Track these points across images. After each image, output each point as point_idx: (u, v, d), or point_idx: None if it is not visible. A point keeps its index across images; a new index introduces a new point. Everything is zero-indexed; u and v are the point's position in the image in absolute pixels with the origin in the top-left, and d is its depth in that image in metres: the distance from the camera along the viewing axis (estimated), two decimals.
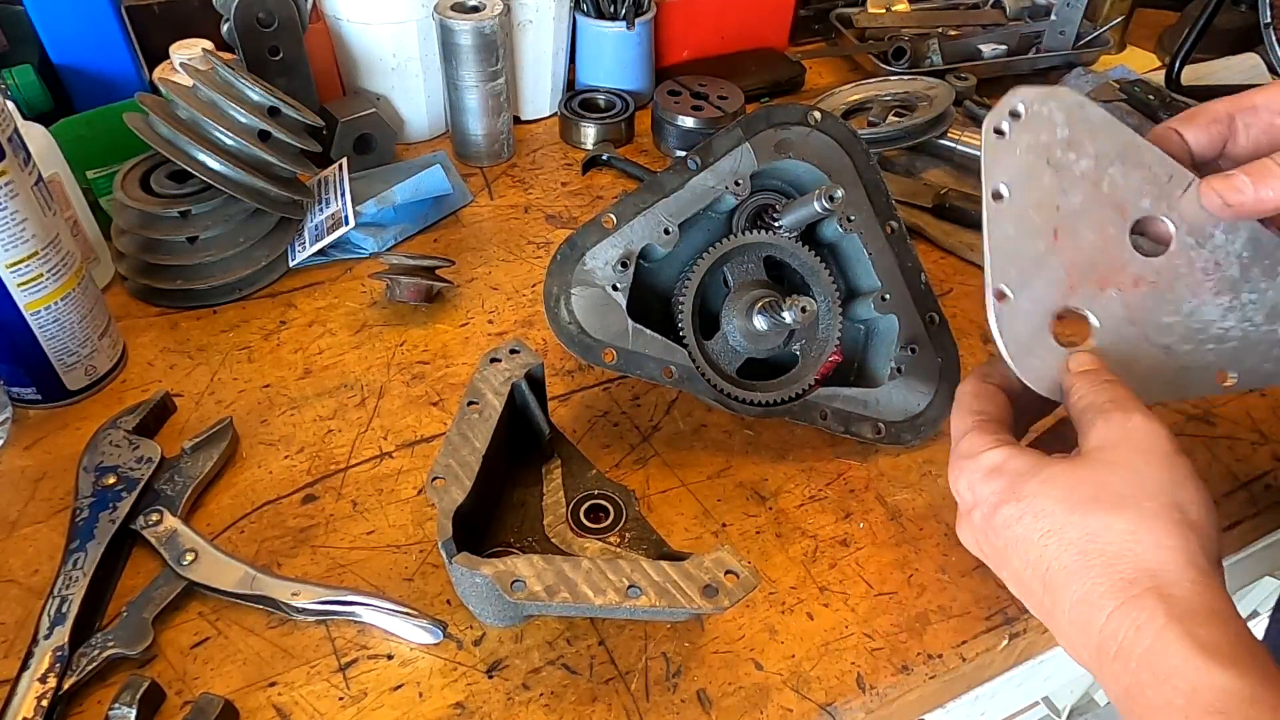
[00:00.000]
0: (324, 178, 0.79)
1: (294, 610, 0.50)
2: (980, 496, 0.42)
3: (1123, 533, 0.37)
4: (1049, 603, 0.39)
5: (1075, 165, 0.46)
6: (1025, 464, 0.41)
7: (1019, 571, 0.40)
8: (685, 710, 0.48)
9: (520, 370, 0.54)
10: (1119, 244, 0.46)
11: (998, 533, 0.41)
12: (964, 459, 0.43)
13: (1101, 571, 0.37)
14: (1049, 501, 0.39)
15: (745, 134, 0.58)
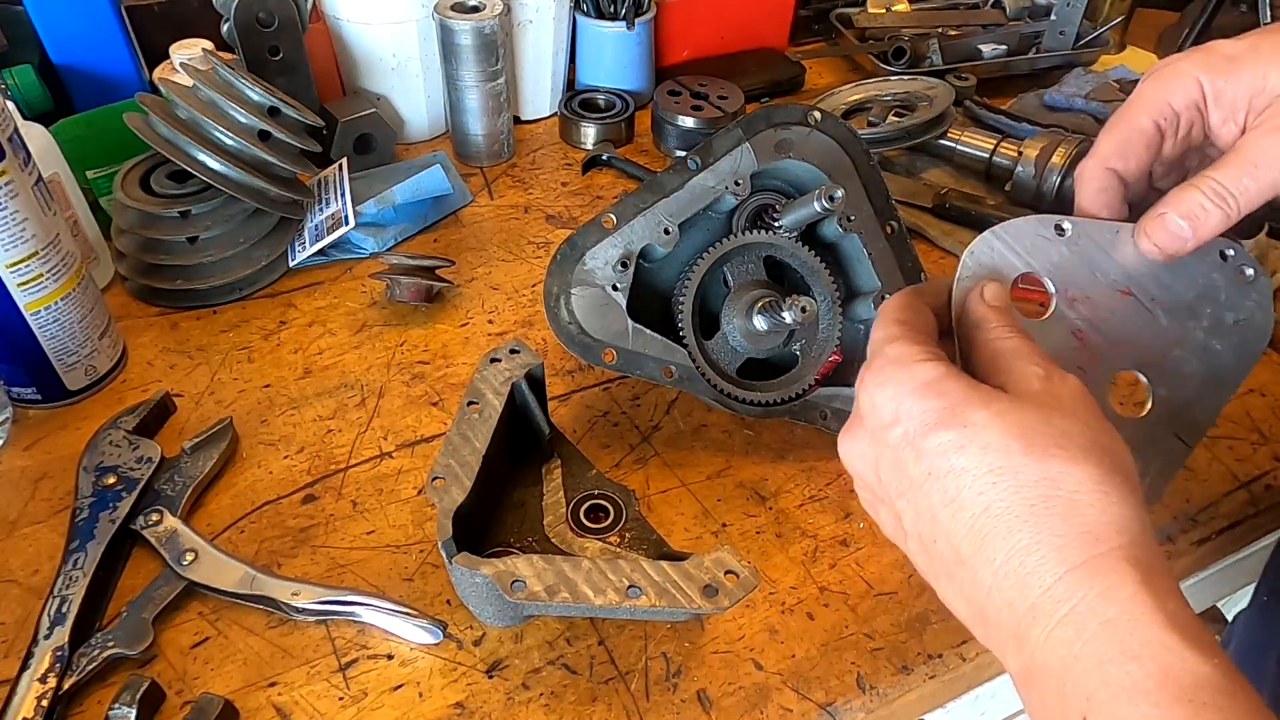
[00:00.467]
0: (324, 178, 0.79)
1: (294, 610, 0.50)
2: (907, 412, 0.35)
3: (1088, 480, 0.32)
4: (966, 550, 0.33)
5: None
6: (968, 390, 0.35)
7: (935, 507, 0.34)
8: (685, 710, 0.48)
9: (520, 370, 0.54)
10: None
11: (922, 458, 0.35)
12: (892, 364, 0.37)
13: (1060, 521, 0.31)
14: (1001, 436, 0.33)
15: (745, 134, 0.58)
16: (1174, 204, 0.40)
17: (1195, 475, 0.62)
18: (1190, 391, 0.45)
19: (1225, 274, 0.46)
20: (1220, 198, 0.39)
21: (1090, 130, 0.90)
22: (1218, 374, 0.45)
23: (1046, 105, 0.96)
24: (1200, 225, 0.40)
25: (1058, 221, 0.44)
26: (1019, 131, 0.86)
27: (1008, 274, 0.44)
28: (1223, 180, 0.39)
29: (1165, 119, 0.42)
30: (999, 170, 0.84)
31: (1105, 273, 0.44)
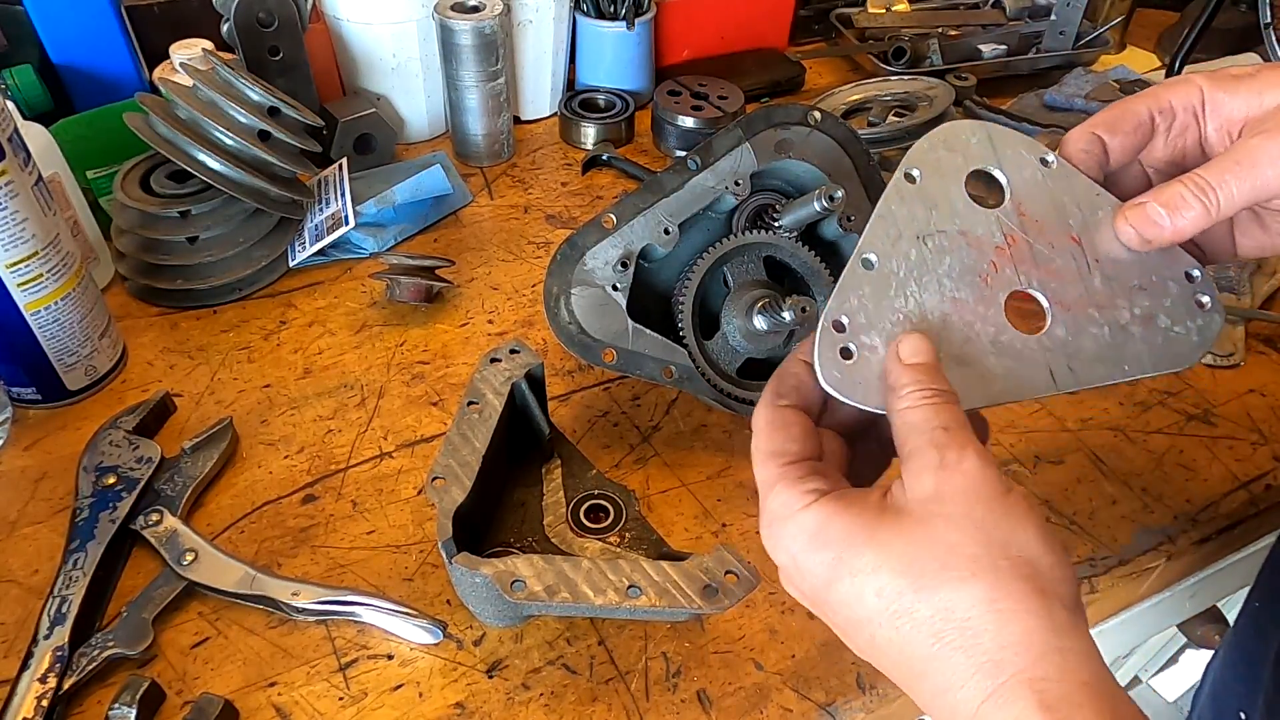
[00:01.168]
0: (324, 178, 0.79)
1: (294, 610, 0.50)
2: (806, 568, 0.36)
3: (980, 603, 0.32)
4: (907, 680, 0.35)
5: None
6: (851, 527, 0.35)
7: (866, 649, 0.36)
8: (685, 710, 0.48)
9: (520, 370, 0.54)
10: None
11: (836, 610, 0.36)
12: (777, 522, 0.37)
13: (963, 654, 0.32)
14: (890, 576, 0.33)
15: (745, 134, 0.58)
16: (1155, 193, 0.41)
17: (1195, 475, 0.62)
18: (1084, 349, 0.44)
19: (1181, 289, 0.46)
20: (1201, 191, 0.40)
21: None
22: (1119, 354, 0.45)
23: (1046, 105, 0.96)
24: (1178, 215, 0.40)
25: (1044, 154, 0.45)
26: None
27: (967, 167, 0.44)
28: (1206, 175, 0.40)
29: (1161, 112, 0.43)
30: None
31: (1065, 216, 0.45)
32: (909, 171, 0.44)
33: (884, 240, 0.43)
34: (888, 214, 0.43)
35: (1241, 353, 0.70)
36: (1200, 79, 0.43)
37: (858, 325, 0.41)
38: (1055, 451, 0.63)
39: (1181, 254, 0.46)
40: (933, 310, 0.43)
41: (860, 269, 0.42)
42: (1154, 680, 1.42)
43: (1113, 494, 0.60)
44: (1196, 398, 0.67)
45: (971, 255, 0.44)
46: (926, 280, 0.43)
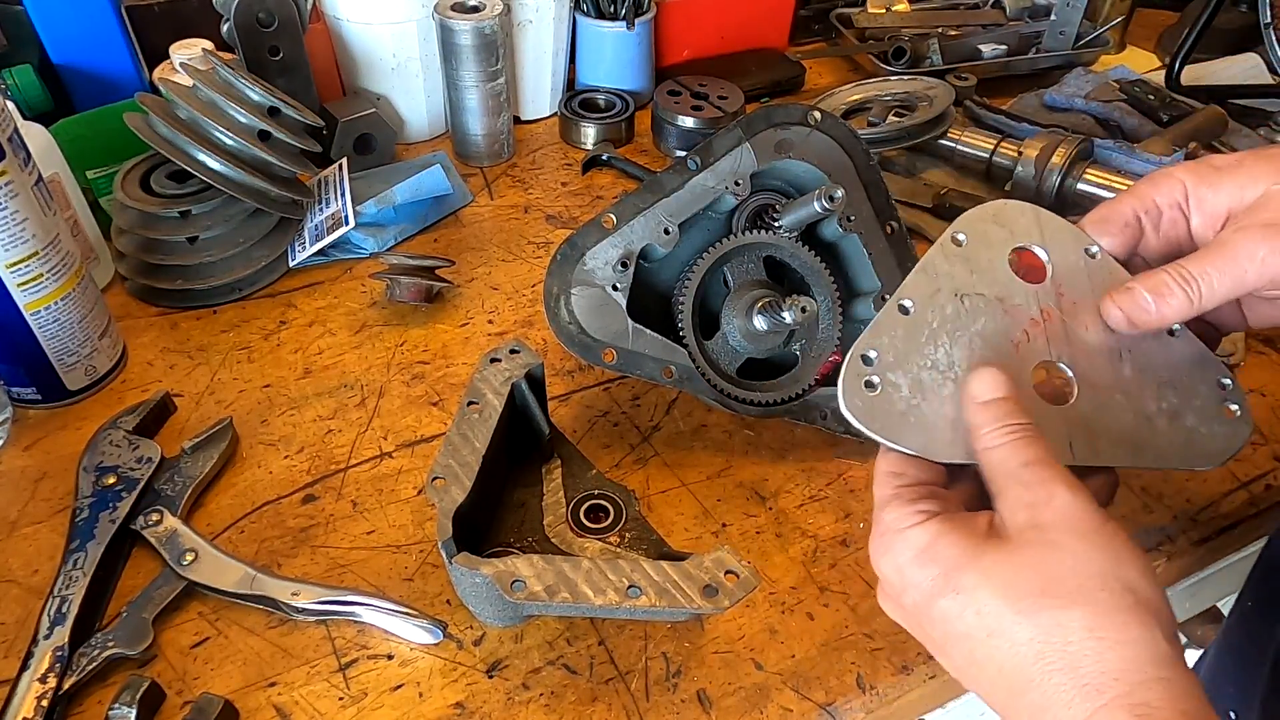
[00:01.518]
0: (324, 178, 0.79)
1: (294, 610, 0.50)
2: (911, 582, 0.37)
3: (1080, 630, 0.33)
4: (1004, 700, 0.35)
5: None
6: (957, 548, 0.36)
7: (963, 667, 0.37)
8: (685, 710, 0.48)
9: (520, 370, 0.54)
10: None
11: (935, 625, 0.37)
12: (889, 534, 0.38)
13: (1063, 676, 0.33)
14: (991, 598, 0.35)
15: (745, 134, 0.58)
16: (1143, 279, 0.43)
17: (1195, 475, 0.62)
18: (1108, 430, 0.45)
19: (1211, 394, 0.48)
20: (1185, 281, 0.42)
21: (1090, 130, 0.90)
22: (1142, 441, 0.46)
23: (1046, 105, 0.96)
24: (1163, 303, 0.42)
25: (1089, 245, 0.46)
26: (1019, 131, 0.86)
27: (1013, 241, 0.46)
28: (1189, 267, 0.42)
29: (1147, 211, 0.45)
30: (999, 170, 0.84)
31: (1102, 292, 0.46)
32: (956, 235, 0.46)
33: (923, 291, 0.44)
34: (930, 268, 0.45)
35: (1241, 353, 0.70)
36: (1182, 173, 0.44)
37: (885, 363, 0.43)
38: None
39: (1214, 361, 0.48)
40: (960, 362, 0.44)
41: (896, 312, 0.44)
42: None
43: None
44: None
45: (1006, 321, 0.45)
46: (959, 335, 0.44)
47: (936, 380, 0.43)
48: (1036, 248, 0.46)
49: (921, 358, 0.44)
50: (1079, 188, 0.79)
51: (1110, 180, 0.78)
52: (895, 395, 0.42)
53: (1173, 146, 0.81)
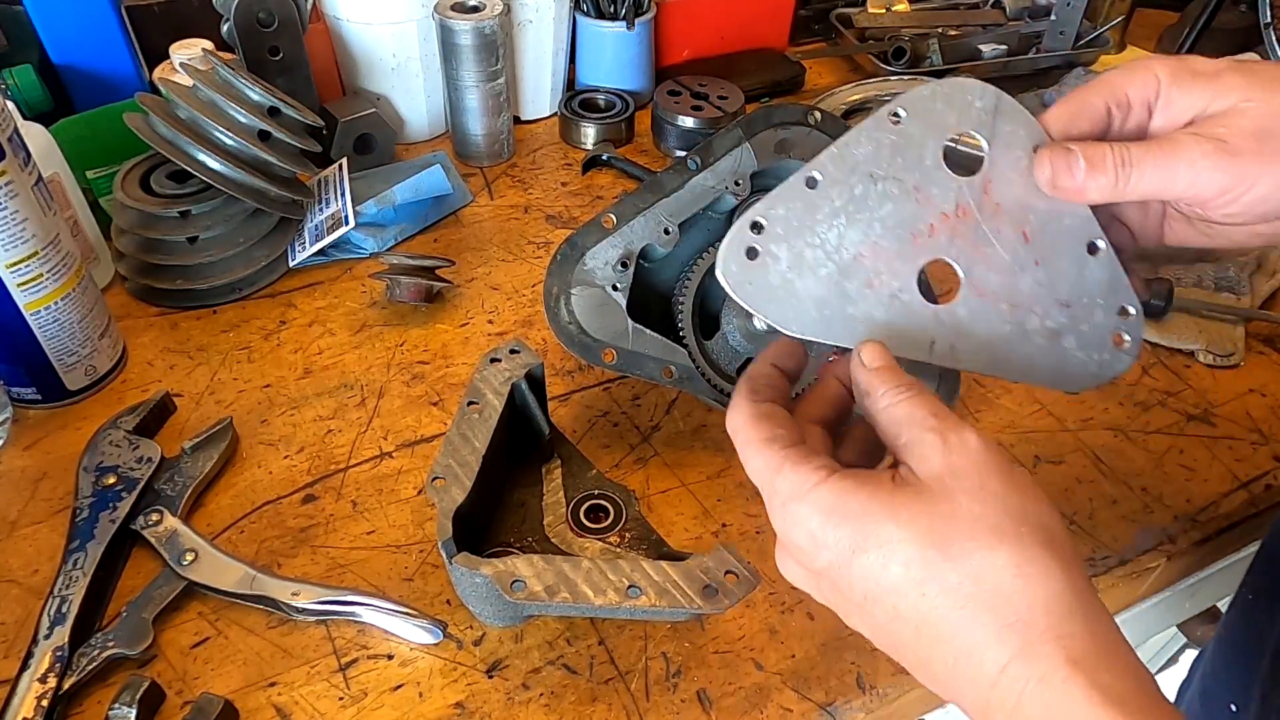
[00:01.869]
0: (324, 178, 0.79)
1: (294, 610, 0.50)
2: (825, 543, 0.36)
3: (1008, 569, 0.33)
4: (924, 654, 0.35)
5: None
6: (872, 502, 0.35)
7: (883, 623, 0.36)
8: (685, 710, 0.48)
9: (520, 370, 0.54)
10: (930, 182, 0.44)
11: (854, 585, 0.36)
12: (792, 501, 0.37)
13: (990, 615, 0.32)
14: (918, 548, 0.34)
15: (745, 134, 0.58)
16: (1085, 146, 0.42)
17: (1195, 475, 0.62)
18: (976, 336, 0.44)
19: (1107, 320, 0.46)
20: (1122, 164, 0.40)
21: None
22: (1008, 354, 0.45)
23: (1046, 105, 0.95)
24: (1091, 175, 0.41)
25: (1040, 143, 0.44)
26: None
27: (956, 128, 0.44)
28: (1132, 151, 0.40)
29: (1118, 105, 0.43)
30: None
31: (1027, 211, 0.44)
32: (896, 111, 0.43)
33: (837, 166, 0.43)
34: (853, 143, 0.43)
35: (1241, 353, 0.70)
36: (1160, 68, 0.42)
37: (773, 233, 0.42)
38: (1055, 451, 0.63)
39: (1125, 288, 0.46)
40: (849, 246, 0.43)
41: (801, 184, 0.42)
42: None
43: (1113, 494, 0.60)
44: (1196, 398, 0.67)
45: (914, 211, 0.44)
46: (859, 218, 0.43)
47: (819, 259, 0.42)
48: (980, 138, 0.44)
49: (812, 235, 0.42)
50: None
51: None
52: (773, 267, 0.42)
53: None
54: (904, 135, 0.43)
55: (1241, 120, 0.39)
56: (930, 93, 0.43)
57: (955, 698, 0.35)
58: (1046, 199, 0.44)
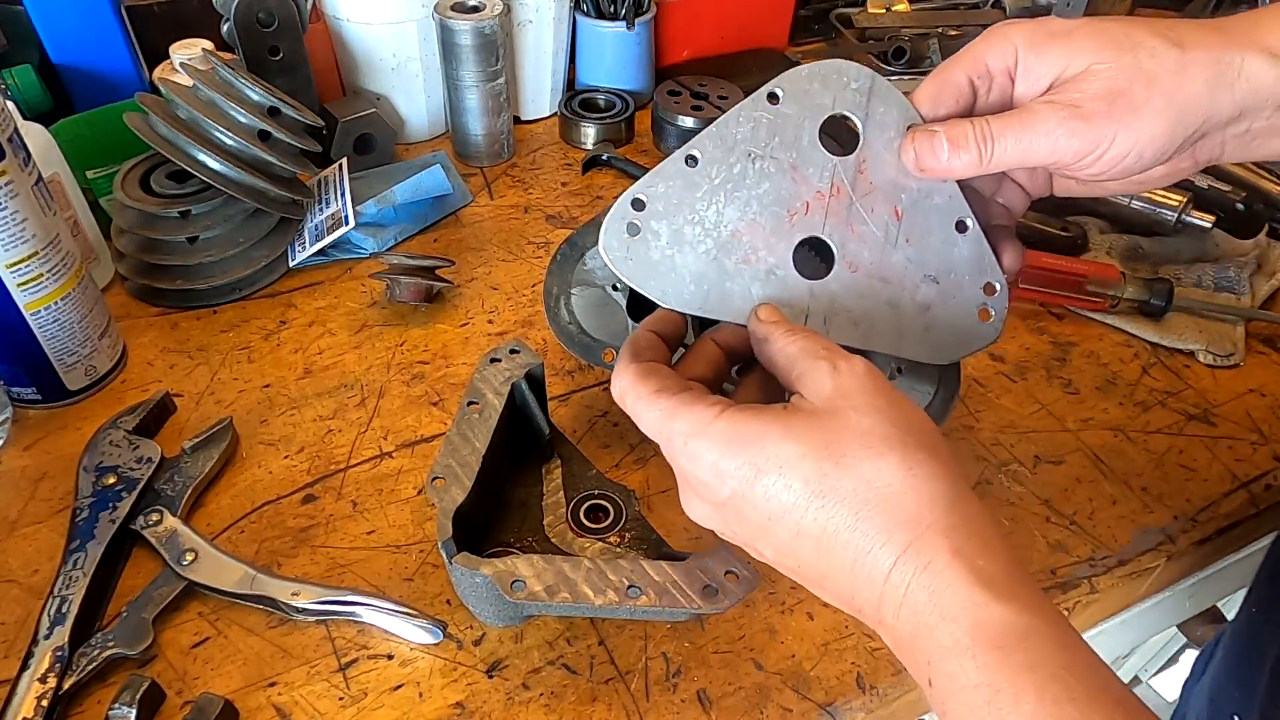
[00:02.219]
0: (324, 178, 0.79)
1: (294, 610, 0.50)
2: (727, 473, 0.38)
3: (897, 472, 0.35)
4: (824, 567, 0.37)
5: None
6: (768, 426, 0.37)
7: (786, 542, 0.37)
8: (685, 710, 0.48)
9: (520, 370, 0.54)
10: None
11: (757, 508, 0.37)
12: (693, 438, 0.38)
13: (883, 517, 0.35)
14: (813, 462, 0.36)
15: None
16: (948, 126, 0.43)
17: (1195, 475, 0.62)
18: (849, 310, 0.46)
19: (973, 296, 0.48)
20: (983, 139, 0.42)
21: None
22: (877, 326, 0.46)
23: None
24: (955, 156, 0.43)
25: (913, 123, 0.45)
26: None
27: (831, 110, 0.45)
28: (991, 125, 0.42)
29: (979, 76, 0.44)
30: None
31: (900, 190, 0.46)
32: (774, 91, 0.44)
33: (716, 145, 0.44)
34: (732, 123, 0.44)
35: (1241, 353, 0.70)
36: (1017, 34, 0.43)
37: (654, 210, 0.43)
38: (1055, 451, 0.63)
39: (992, 265, 0.48)
40: (727, 223, 0.44)
41: (681, 162, 0.44)
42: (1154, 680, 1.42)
43: (1113, 494, 0.60)
44: (1196, 398, 0.67)
45: (790, 189, 0.45)
46: (737, 196, 0.44)
47: (697, 235, 0.44)
48: (855, 119, 0.45)
49: (691, 213, 0.44)
50: None
51: None
52: (653, 243, 0.43)
53: None
54: (781, 115, 0.44)
55: (1094, 83, 0.41)
56: (807, 74, 0.44)
57: (854, 604, 0.37)
58: (917, 178, 0.46)
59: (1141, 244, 0.78)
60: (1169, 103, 0.40)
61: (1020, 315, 0.74)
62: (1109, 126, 0.40)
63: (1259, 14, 0.41)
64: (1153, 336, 0.71)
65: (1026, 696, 0.31)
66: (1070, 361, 0.70)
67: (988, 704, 0.31)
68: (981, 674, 0.32)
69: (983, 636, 0.32)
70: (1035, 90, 0.43)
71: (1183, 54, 0.40)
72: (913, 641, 0.34)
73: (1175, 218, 0.76)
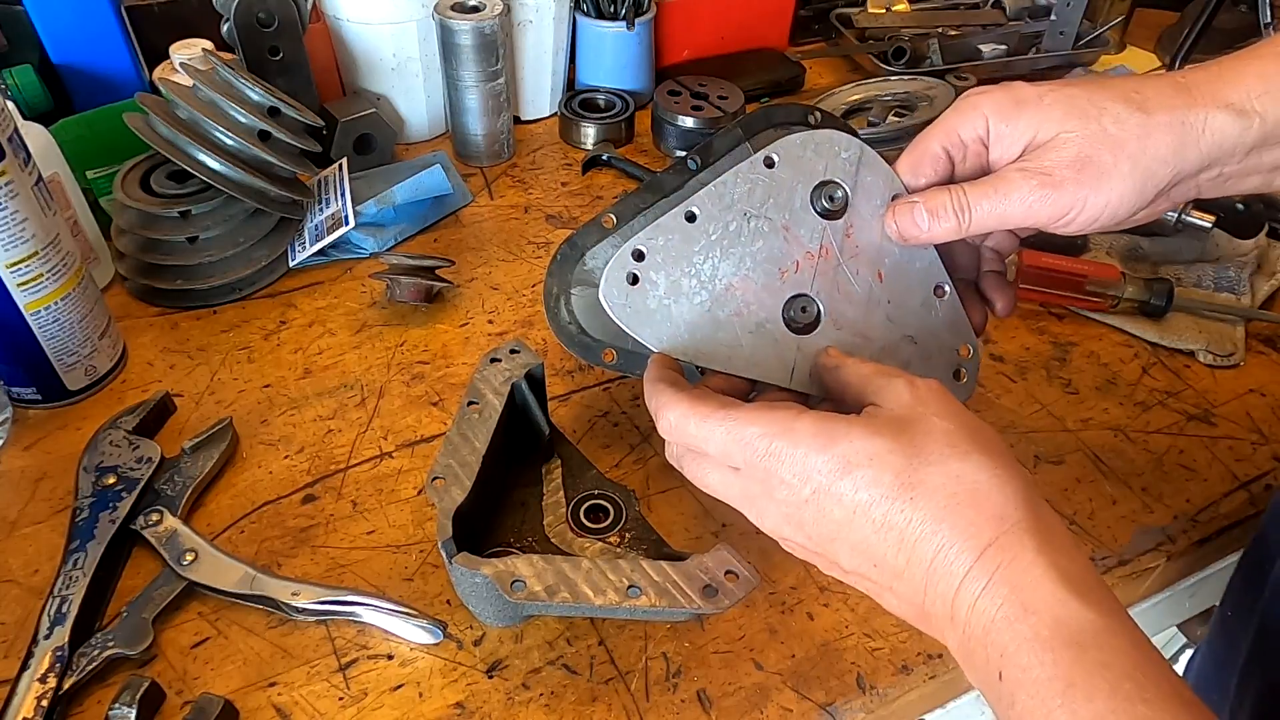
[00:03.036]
0: (324, 178, 0.79)
1: (294, 610, 0.50)
2: (816, 467, 0.38)
3: (984, 469, 0.37)
4: (902, 563, 0.37)
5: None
6: (848, 424, 0.39)
7: (869, 537, 0.38)
8: (685, 710, 0.48)
9: (520, 370, 0.54)
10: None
11: (844, 500, 0.38)
12: (777, 439, 0.39)
13: (971, 511, 0.36)
14: (904, 458, 0.37)
15: (745, 134, 0.57)
16: (926, 196, 0.47)
17: (1195, 475, 0.62)
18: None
19: (950, 356, 0.51)
20: (960, 209, 0.45)
21: None
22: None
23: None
24: (935, 224, 0.46)
25: (898, 193, 0.49)
26: None
27: (823, 176, 0.49)
28: (968, 195, 0.45)
29: (953, 147, 0.47)
30: None
31: (883, 254, 0.50)
32: (770, 156, 0.48)
33: (715, 203, 0.47)
34: (731, 184, 0.47)
35: (1241, 353, 0.70)
36: (987, 106, 0.45)
37: (653, 262, 0.46)
38: (1055, 451, 0.63)
39: (965, 328, 0.51)
40: (722, 277, 0.47)
41: (681, 218, 0.47)
42: None
43: (1113, 494, 0.60)
44: (1196, 398, 0.67)
45: (782, 249, 0.48)
46: (733, 252, 0.47)
47: (693, 288, 0.47)
48: (844, 185, 0.48)
49: (689, 265, 0.47)
50: None
51: None
52: (651, 293, 0.46)
53: None
54: (776, 179, 0.48)
55: (1063, 151, 0.43)
56: (801, 142, 0.48)
57: (924, 603, 0.37)
58: (899, 247, 0.50)
59: (1141, 244, 0.78)
60: (1135, 165, 0.43)
61: (1020, 315, 0.74)
62: (1079, 191, 0.43)
63: (1221, 67, 0.43)
64: (1153, 336, 0.71)
65: (1100, 692, 0.31)
66: (1070, 361, 0.70)
67: (1061, 696, 0.32)
68: (1058, 668, 0.32)
69: (1063, 632, 0.33)
70: (1009, 155, 0.45)
71: (1147, 118, 0.42)
72: (986, 635, 0.34)
73: (1175, 218, 0.76)
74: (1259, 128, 0.42)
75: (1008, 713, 0.34)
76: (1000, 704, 0.34)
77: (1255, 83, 0.42)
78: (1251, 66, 0.43)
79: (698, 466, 0.43)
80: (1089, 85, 0.44)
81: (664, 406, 0.43)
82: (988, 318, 0.52)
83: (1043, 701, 0.32)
